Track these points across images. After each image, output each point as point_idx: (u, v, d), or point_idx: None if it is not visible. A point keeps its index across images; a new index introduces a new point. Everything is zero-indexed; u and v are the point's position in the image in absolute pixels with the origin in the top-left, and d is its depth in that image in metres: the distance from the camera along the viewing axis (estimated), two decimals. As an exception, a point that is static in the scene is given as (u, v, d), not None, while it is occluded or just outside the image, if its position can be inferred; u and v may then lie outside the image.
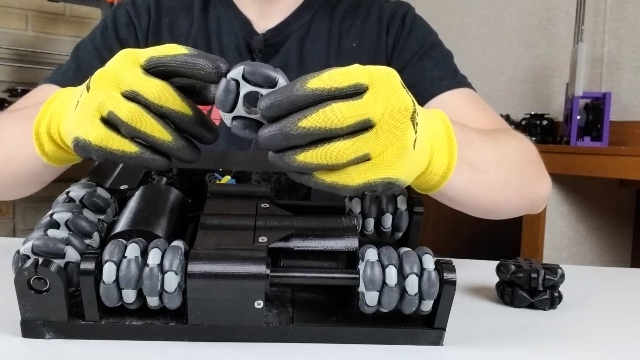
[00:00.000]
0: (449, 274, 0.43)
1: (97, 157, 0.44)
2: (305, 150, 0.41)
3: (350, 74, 0.41)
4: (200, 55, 0.43)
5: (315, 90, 0.40)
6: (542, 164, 0.72)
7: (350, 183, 0.42)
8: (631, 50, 2.15)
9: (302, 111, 0.40)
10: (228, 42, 0.86)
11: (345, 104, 0.40)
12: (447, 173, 0.50)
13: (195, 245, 0.44)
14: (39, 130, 0.52)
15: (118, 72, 0.43)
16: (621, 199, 2.14)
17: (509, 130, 0.77)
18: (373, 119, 0.40)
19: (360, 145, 0.40)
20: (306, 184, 0.43)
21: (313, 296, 0.50)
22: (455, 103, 0.79)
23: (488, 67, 2.66)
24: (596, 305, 0.60)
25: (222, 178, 0.60)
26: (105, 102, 0.42)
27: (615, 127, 2.13)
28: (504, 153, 0.63)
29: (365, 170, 0.41)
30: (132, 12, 0.87)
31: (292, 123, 0.40)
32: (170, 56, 0.43)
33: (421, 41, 0.85)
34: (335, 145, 0.40)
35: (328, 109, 0.40)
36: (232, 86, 0.42)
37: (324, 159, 0.40)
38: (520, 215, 0.73)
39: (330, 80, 0.40)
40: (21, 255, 0.44)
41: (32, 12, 2.58)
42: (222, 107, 0.42)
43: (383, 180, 0.42)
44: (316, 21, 0.87)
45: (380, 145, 0.41)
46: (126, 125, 0.42)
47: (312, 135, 0.40)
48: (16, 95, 2.32)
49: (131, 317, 0.44)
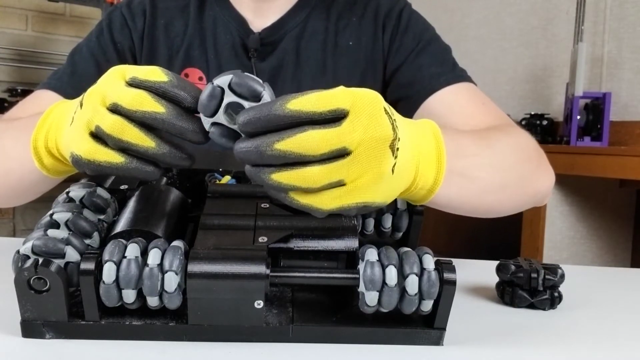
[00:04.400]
0: (449, 274, 0.43)
1: (89, 170, 0.45)
2: (280, 170, 0.40)
3: (331, 98, 0.40)
4: (180, 85, 0.43)
5: (294, 112, 0.39)
6: (542, 157, 0.71)
7: (323, 207, 0.41)
8: (631, 50, 2.15)
9: (279, 133, 0.40)
10: (224, 42, 0.86)
11: (321, 132, 0.39)
12: (435, 187, 0.50)
13: (195, 245, 0.44)
14: (36, 144, 0.53)
15: (104, 88, 0.44)
16: (621, 199, 2.14)
17: (508, 125, 0.76)
18: (349, 147, 0.40)
19: (334, 171, 0.40)
20: (282, 202, 0.43)
21: (313, 296, 0.50)
22: (454, 98, 0.79)
23: (488, 67, 2.66)
24: (596, 305, 0.60)
25: (222, 178, 0.60)
26: (93, 117, 0.43)
27: (615, 127, 2.13)
28: (499, 154, 0.63)
29: (340, 196, 0.41)
30: (127, 14, 0.87)
31: (267, 143, 0.40)
32: (151, 82, 0.43)
33: (418, 37, 0.85)
34: (308, 170, 0.40)
35: (304, 135, 0.39)
36: (217, 93, 0.42)
37: (297, 182, 0.40)
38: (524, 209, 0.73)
39: (310, 104, 0.40)
40: (21, 255, 0.44)
41: (32, 12, 2.59)
42: (204, 111, 0.42)
43: (357, 205, 0.42)
44: (312, 19, 0.87)
45: (355, 172, 0.41)
46: (110, 136, 0.43)
47: (285, 158, 0.40)
48: (16, 95, 2.33)
49: (131, 317, 0.44)
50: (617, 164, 1.74)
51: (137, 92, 0.43)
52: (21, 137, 0.56)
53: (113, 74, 0.45)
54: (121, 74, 0.45)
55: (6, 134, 0.62)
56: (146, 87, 0.43)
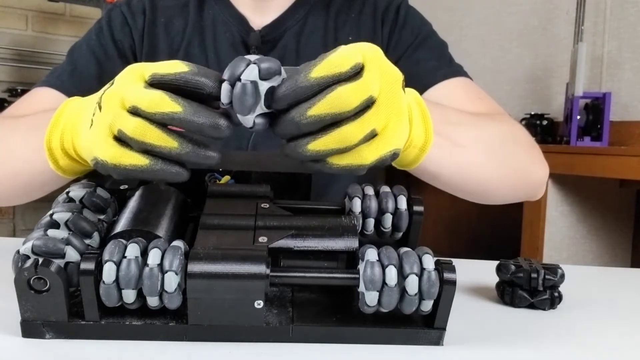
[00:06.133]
0: (449, 274, 0.43)
1: (116, 175, 0.45)
2: (315, 139, 0.42)
3: (348, 56, 0.42)
4: (201, 72, 0.43)
5: (320, 78, 0.41)
6: (535, 149, 0.71)
7: (364, 162, 0.43)
8: (631, 50, 2.15)
9: (310, 100, 0.41)
10: (224, 39, 0.86)
11: (349, 86, 0.41)
12: (426, 146, 0.51)
13: (195, 245, 0.44)
14: (51, 145, 0.52)
15: (122, 90, 0.44)
16: (621, 199, 2.13)
17: (503, 115, 0.76)
18: (374, 95, 0.42)
19: (367, 122, 0.42)
20: (322, 172, 0.44)
21: (313, 296, 0.50)
22: (451, 92, 0.79)
23: (488, 67, 2.66)
24: (596, 305, 0.60)
25: (222, 178, 0.60)
26: (115, 121, 0.43)
27: (615, 127, 2.13)
28: (486, 131, 0.63)
29: (377, 147, 0.43)
30: (127, 13, 0.87)
31: (301, 113, 0.41)
32: (172, 74, 0.43)
33: (416, 32, 0.86)
34: (344, 128, 0.41)
35: (334, 93, 0.41)
36: (252, 89, 0.42)
37: (335, 144, 0.42)
38: (517, 201, 0.72)
39: (333, 67, 0.41)
40: (21, 255, 0.44)
41: (32, 12, 2.59)
42: (246, 110, 0.42)
43: (391, 152, 0.44)
44: (312, 16, 0.87)
45: (383, 118, 0.43)
46: (133, 140, 0.43)
47: (322, 122, 0.41)
48: (16, 95, 2.33)
49: (131, 317, 0.44)
50: (617, 164, 1.74)
51: (155, 93, 0.42)
52: (30, 137, 0.56)
53: (130, 73, 0.45)
54: (139, 73, 0.44)
55: (13, 134, 0.61)
56: (167, 81, 0.43)
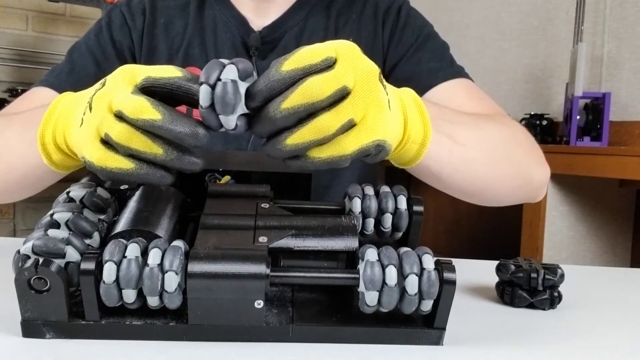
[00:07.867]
0: (449, 273, 0.43)
1: (102, 176, 0.45)
2: (292, 133, 0.42)
3: (319, 50, 0.43)
4: (193, 79, 0.44)
5: (291, 71, 0.42)
6: (536, 151, 0.71)
7: (345, 152, 0.43)
8: (631, 50, 2.15)
9: (283, 93, 0.41)
10: (224, 40, 0.86)
11: (321, 76, 0.41)
12: (425, 141, 0.51)
13: (195, 245, 0.44)
14: (44, 140, 0.52)
15: (112, 93, 0.44)
16: (621, 199, 2.14)
17: (504, 116, 0.76)
18: (348, 85, 0.42)
19: (342, 112, 0.42)
20: (305, 169, 0.44)
21: (313, 296, 0.50)
22: (452, 94, 0.79)
23: (488, 67, 2.66)
24: (596, 305, 0.60)
25: (222, 178, 0.60)
26: (102, 125, 0.44)
27: (615, 127, 2.13)
28: (487, 131, 0.63)
29: (356, 136, 0.43)
30: (126, 13, 0.87)
31: (275, 107, 0.41)
32: (166, 78, 0.43)
33: (417, 33, 0.86)
34: (320, 118, 0.42)
35: (306, 83, 0.41)
36: (232, 86, 0.41)
37: (312, 135, 0.42)
38: (518, 202, 0.72)
39: (303, 59, 0.42)
40: (21, 255, 0.44)
41: (32, 12, 2.59)
42: (230, 109, 0.42)
43: (374, 143, 0.44)
44: (312, 17, 0.87)
45: (360, 108, 0.43)
46: (119, 144, 0.43)
47: (296, 114, 0.41)
48: (16, 95, 2.33)
49: (131, 317, 0.44)
50: (616, 164, 1.74)
51: (137, 98, 0.42)
52: (24, 132, 0.56)
53: (121, 75, 0.45)
54: (130, 75, 0.44)
55: (8, 129, 0.61)
56: (160, 85, 0.43)
